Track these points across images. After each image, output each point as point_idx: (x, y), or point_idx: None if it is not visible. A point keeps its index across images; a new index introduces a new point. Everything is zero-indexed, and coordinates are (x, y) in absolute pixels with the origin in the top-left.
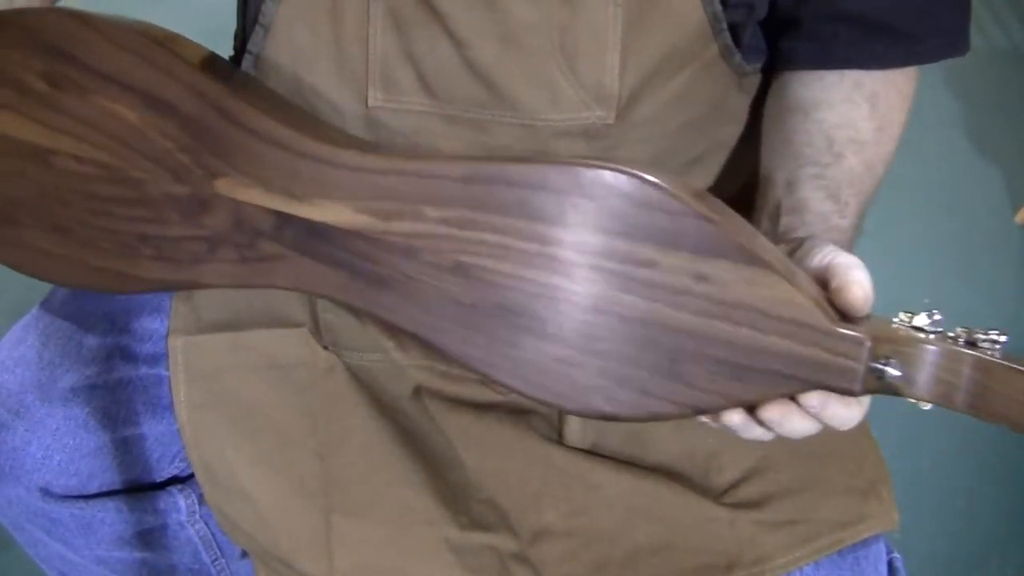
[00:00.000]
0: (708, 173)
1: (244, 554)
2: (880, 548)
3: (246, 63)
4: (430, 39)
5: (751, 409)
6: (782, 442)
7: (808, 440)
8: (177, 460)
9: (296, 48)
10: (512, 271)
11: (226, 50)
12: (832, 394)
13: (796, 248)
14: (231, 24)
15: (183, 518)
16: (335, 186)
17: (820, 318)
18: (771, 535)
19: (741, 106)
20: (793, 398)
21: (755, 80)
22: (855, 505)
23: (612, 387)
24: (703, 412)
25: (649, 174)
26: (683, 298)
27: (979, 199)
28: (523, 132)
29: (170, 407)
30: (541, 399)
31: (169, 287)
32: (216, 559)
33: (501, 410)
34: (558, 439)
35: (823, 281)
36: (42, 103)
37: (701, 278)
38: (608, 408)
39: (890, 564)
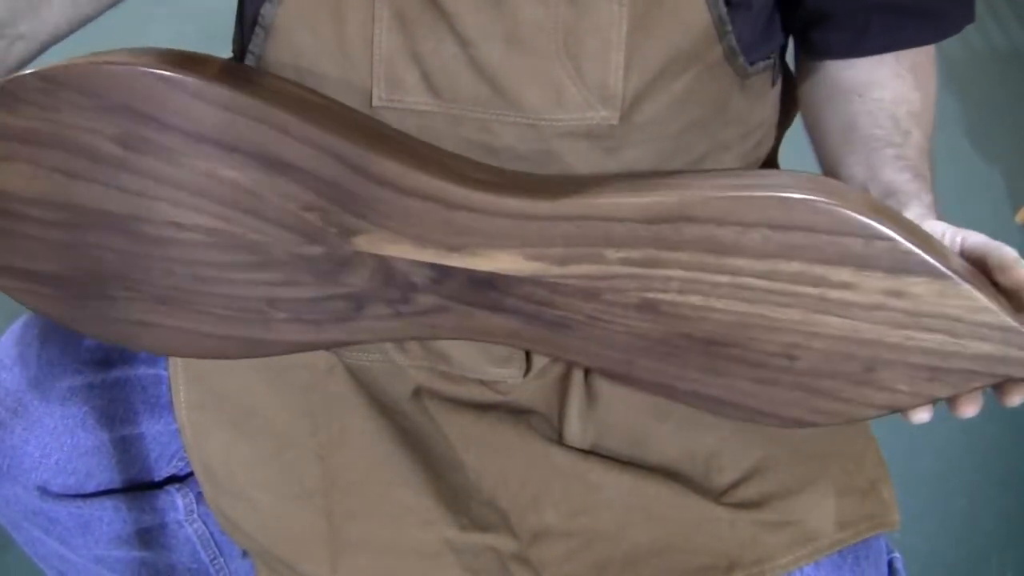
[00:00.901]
0: None
1: (244, 554)
2: (880, 548)
3: (247, 63)
4: (436, 38)
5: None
6: (782, 442)
7: (808, 440)
8: (175, 459)
9: (297, 49)
10: (703, 303)
11: (226, 51)
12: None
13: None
14: (231, 24)
15: (181, 517)
16: (499, 235)
17: (1006, 318)
18: (771, 535)
19: (743, 107)
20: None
21: (757, 81)
22: (855, 505)
23: (810, 398)
24: (899, 411)
25: (841, 202)
26: (878, 313)
27: (979, 199)
28: (527, 132)
29: (168, 407)
30: (740, 417)
31: (315, 347)
32: (214, 558)
33: (501, 410)
34: (558, 439)
35: (978, 263)
36: (119, 168)
37: (895, 294)
38: (808, 418)
39: (890, 564)
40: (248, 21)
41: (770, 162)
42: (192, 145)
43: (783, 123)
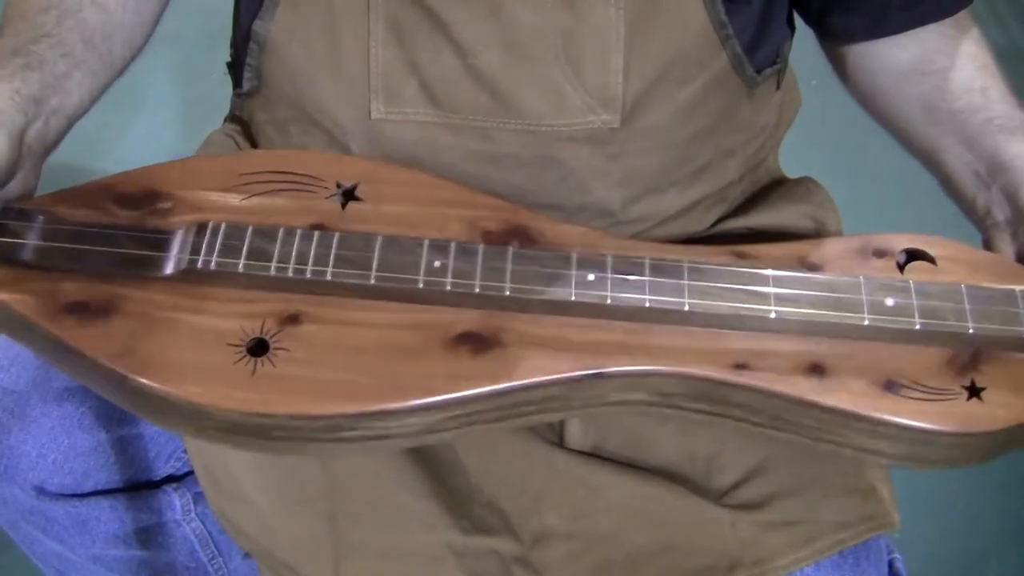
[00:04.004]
0: (715, 180)
1: (246, 555)
2: (881, 548)
3: (247, 76)
4: (433, 49)
5: None
6: (784, 443)
7: None
8: (173, 459)
9: (292, 64)
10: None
11: (225, 51)
12: None
13: None
14: (230, 24)
15: (179, 516)
16: None
17: None
18: (772, 536)
19: (750, 114)
20: None
21: (764, 88)
22: (856, 506)
23: None
24: None
25: None
26: None
27: None
28: (528, 138)
29: None
30: None
31: None
32: (213, 557)
33: None
34: (559, 442)
35: None
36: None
37: None
38: None
39: (890, 564)
40: (242, 36)
41: (772, 163)
42: None
43: (784, 123)
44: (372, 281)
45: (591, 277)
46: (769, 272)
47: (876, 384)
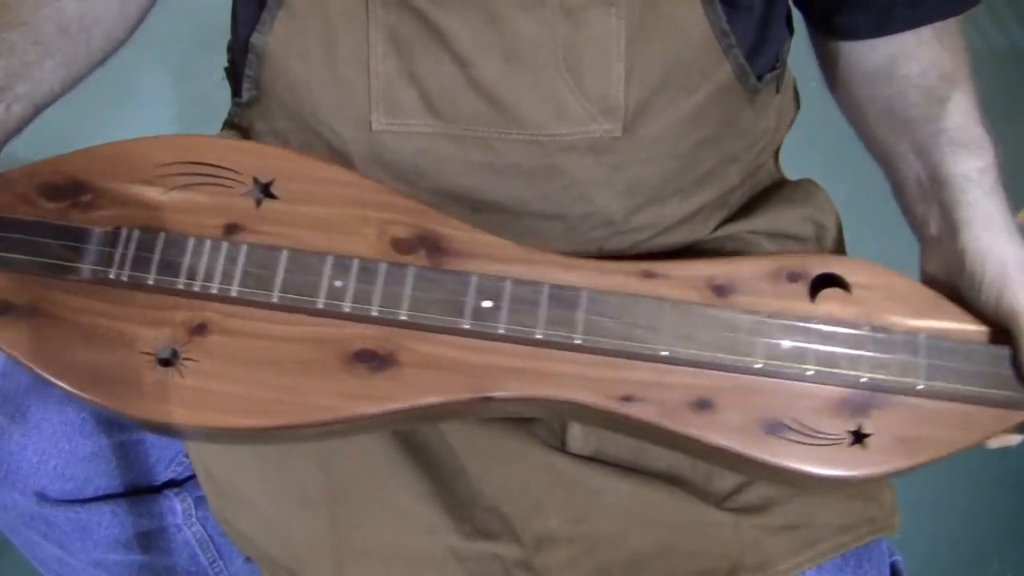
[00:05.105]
0: (717, 187)
1: (247, 559)
2: (882, 551)
3: (246, 86)
4: (433, 60)
5: None
6: None
7: None
8: (174, 464)
9: (291, 76)
10: None
11: (224, 50)
12: None
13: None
14: (228, 24)
15: (179, 521)
16: None
17: None
18: (774, 539)
19: (752, 120)
20: None
21: (765, 93)
22: (857, 509)
23: None
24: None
25: None
26: None
27: None
28: (530, 148)
29: None
30: None
31: None
32: (214, 561)
33: (504, 418)
34: (560, 446)
35: (1004, 323)
36: None
37: None
38: None
39: (892, 567)
40: (239, 47)
41: (773, 164)
42: None
43: (783, 125)
44: (275, 299)
45: (487, 304)
46: (667, 307)
47: (759, 424)
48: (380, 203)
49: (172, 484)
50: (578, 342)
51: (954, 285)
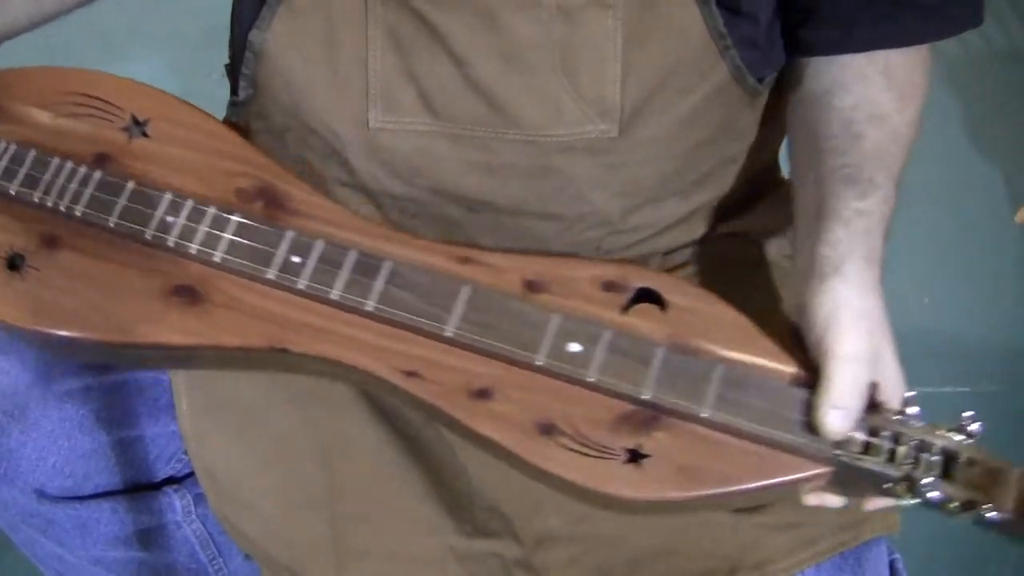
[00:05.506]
0: (716, 188)
1: (247, 556)
2: (881, 550)
3: (242, 84)
4: (431, 59)
5: None
6: None
7: None
8: (173, 461)
9: (289, 74)
10: None
11: (224, 50)
12: None
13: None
14: (228, 24)
15: (179, 518)
16: None
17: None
18: (773, 538)
19: (751, 121)
20: None
21: (766, 95)
22: (856, 508)
23: None
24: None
25: None
26: None
27: (979, 199)
28: (527, 148)
29: (167, 409)
30: None
31: None
32: (213, 558)
33: None
34: None
35: (820, 365)
36: None
37: None
38: None
39: (891, 566)
40: (238, 44)
41: (772, 165)
42: None
43: (783, 125)
44: (111, 224)
45: (296, 259)
46: (466, 289)
47: (534, 424)
48: (237, 155)
49: (171, 481)
50: (370, 309)
51: (797, 321)
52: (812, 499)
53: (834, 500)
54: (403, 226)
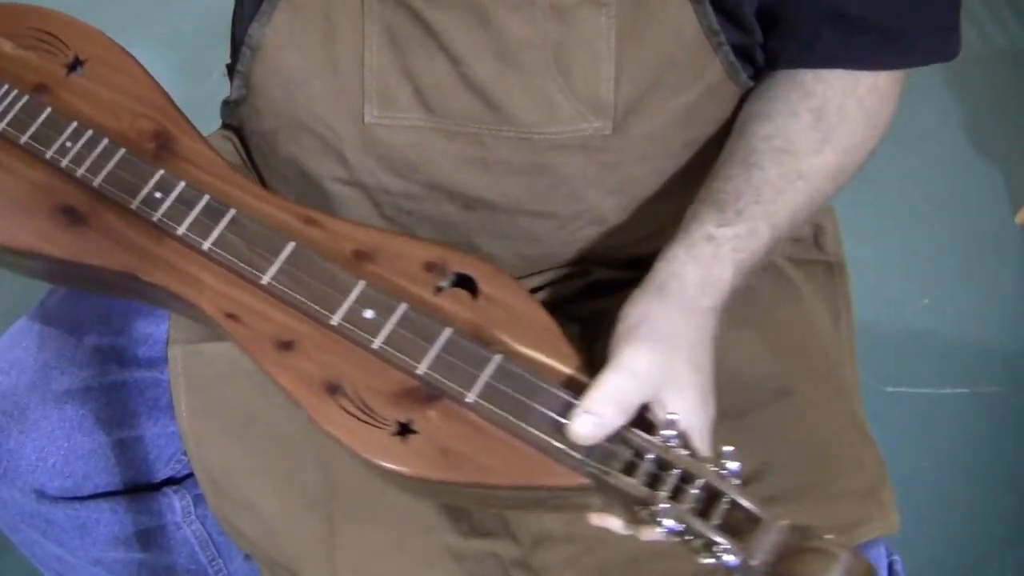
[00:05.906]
0: None
1: (246, 557)
2: (881, 551)
3: (236, 84)
4: (426, 56)
5: None
6: (781, 446)
7: (808, 444)
8: (173, 461)
9: (286, 69)
10: None
11: (224, 50)
12: None
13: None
14: (229, 24)
15: (179, 519)
16: None
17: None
18: None
19: None
20: None
21: None
22: (855, 508)
23: None
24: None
25: None
26: None
27: (979, 199)
28: (521, 145)
29: (166, 409)
30: None
31: None
32: (213, 559)
33: None
34: None
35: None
36: None
37: None
38: None
39: (891, 566)
40: (237, 40)
41: None
42: None
43: None
44: (22, 142)
45: (157, 195)
46: (292, 245)
47: (323, 382)
48: (150, 101)
49: (171, 482)
50: (205, 248)
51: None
52: (596, 519)
53: (615, 523)
54: (399, 225)
